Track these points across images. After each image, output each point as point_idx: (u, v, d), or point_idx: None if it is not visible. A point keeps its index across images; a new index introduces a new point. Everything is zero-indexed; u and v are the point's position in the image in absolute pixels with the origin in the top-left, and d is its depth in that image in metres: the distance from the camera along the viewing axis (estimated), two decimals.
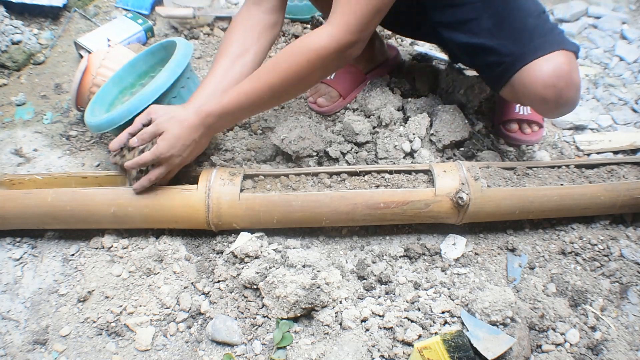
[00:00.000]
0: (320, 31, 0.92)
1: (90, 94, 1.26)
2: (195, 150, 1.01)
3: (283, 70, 0.94)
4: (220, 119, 0.98)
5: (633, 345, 0.93)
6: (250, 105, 0.97)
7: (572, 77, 1.01)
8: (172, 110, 0.99)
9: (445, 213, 1.02)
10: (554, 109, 1.06)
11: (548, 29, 1.05)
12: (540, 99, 1.03)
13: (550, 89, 1.00)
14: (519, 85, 1.05)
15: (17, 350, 0.92)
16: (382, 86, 1.38)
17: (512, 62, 1.05)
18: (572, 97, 1.03)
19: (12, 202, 1.01)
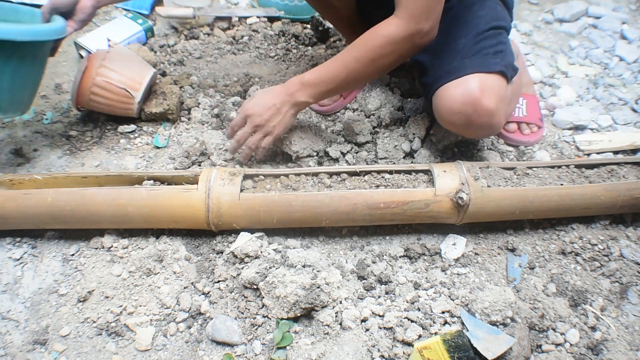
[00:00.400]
0: (392, 23, 0.99)
1: (90, 94, 1.26)
2: (276, 116, 1.07)
3: (359, 55, 1.01)
4: (301, 89, 1.05)
5: (633, 345, 0.93)
6: (329, 82, 1.04)
7: (481, 102, 0.98)
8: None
9: (445, 213, 1.02)
10: (466, 133, 1.07)
11: (476, 50, 1.03)
12: (449, 124, 1.04)
13: (456, 115, 1.00)
14: (434, 106, 1.06)
15: (17, 350, 0.92)
16: (382, 86, 1.38)
17: (432, 83, 1.06)
18: (483, 122, 1.01)
19: (12, 202, 1.01)
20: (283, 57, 1.61)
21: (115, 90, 1.27)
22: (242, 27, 1.73)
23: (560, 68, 1.61)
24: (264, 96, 1.09)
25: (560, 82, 1.55)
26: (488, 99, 0.98)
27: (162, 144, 1.30)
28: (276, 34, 1.70)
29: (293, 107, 1.08)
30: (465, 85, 0.99)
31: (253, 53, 1.63)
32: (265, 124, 1.08)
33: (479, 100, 0.98)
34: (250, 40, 1.68)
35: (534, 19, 1.84)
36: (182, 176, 1.07)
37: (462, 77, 0.99)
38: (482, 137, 1.09)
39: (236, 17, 1.75)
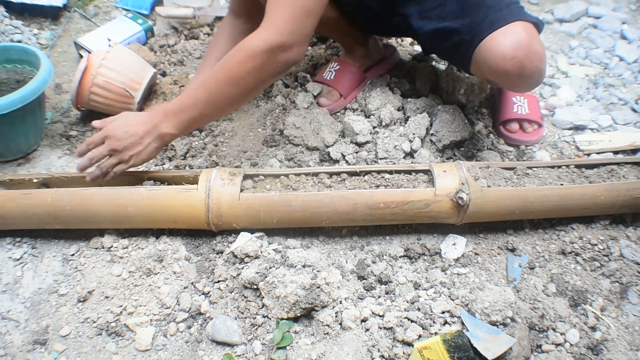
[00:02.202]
0: (253, 34, 0.94)
1: (90, 94, 1.26)
2: (137, 146, 0.99)
3: (219, 75, 0.96)
4: (164, 119, 0.99)
5: (633, 345, 0.93)
6: (191, 109, 0.98)
7: (532, 46, 0.98)
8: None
9: (445, 213, 1.02)
10: (519, 81, 1.05)
11: (506, 4, 1.04)
12: (503, 72, 1.02)
13: (509, 61, 0.99)
14: (480, 61, 1.05)
15: (17, 350, 0.92)
16: (382, 86, 1.38)
17: (471, 38, 1.04)
18: (536, 67, 1.01)
19: (12, 202, 1.01)
20: None
21: (115, 90, 1.27)
22: None
23: (560, 68, 1.61)
24: (128, 120, 1.01)
25: (560, 82, 1.55)
26: (537, 44, 0.99)
27: None
28: None
29: (156, 140, 1.01)
30: (513, 31, 0.98)
31: None
32: (124, 151, 1.00)
33: (530, 44, 0.98)
34: None
35: None
36: (182, 176, 1.07)
37: (506, 26, 0.99)
38: (531, 87, 1.08)
39: None
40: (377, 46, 1.45)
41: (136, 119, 1.01)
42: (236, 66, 0.94)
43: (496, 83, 1.15)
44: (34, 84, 1.16)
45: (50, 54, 1.60)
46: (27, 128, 1.22)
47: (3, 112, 1.12)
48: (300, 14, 0.93)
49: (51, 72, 1.21)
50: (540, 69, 1.02)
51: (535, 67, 1.00)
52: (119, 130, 0.99)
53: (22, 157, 1.27)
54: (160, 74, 1.51)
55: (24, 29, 1.62)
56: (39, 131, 1.28)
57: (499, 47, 0.99)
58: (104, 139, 1.01)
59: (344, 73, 1.39)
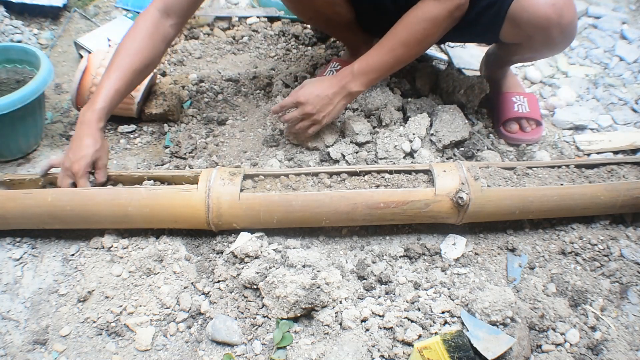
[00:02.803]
0: (429, 4, 1.03)
1: (90, 94, 1.26)
2: (328, 106, 1.11)
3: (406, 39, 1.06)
4: (353, 79, 1.09)
5: (633, 345, 0.93)
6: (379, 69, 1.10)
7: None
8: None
9: (445, 213, 1.02)
10: (557, 32, 1.08)
11: None
12: (544, 20, 1.05)
13: (550, 7, 1.03)
14: (518, 13, 1.07)
15: (17, 350, 0.92)
16: (382, 86, 1.38)
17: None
18: (572, 17, 1.06)
19: (12, 202, 1.01)
20: (283, 57, 1.61)
21: None
22: (242, 27, 1.73)
23: (560, 68, 1.61)
24: (316, 86, 1.12)
25: (560, 82, 1.55)
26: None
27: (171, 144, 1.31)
28: (276, 34, 1.70)
29: (345, 98, 1.13)
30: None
31: (253, 53, 1.64)
32: (316, 113, 1.11)
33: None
34: (250, 40, 1.68)
35: None
36: (182, 176, 1.07)
37: None
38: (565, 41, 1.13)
39: (236, 17, 1.75)
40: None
41: (323, 83, 1.12)
42: (422, 31, 1.05)
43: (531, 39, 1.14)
44: (34, 84, 1.16)
45: (50, 54, 1.60)
46: (27, 128, 1.22)
47: (3, 112, 1.12)
48: None
49: (51, 72, 1.21)
50: (575, 22, 1.08)
51: (573, 16, 1.06)
52: (310, 96, 1.10)
53: (22, 157, 1.27)
54: (160, 74, 1.51)
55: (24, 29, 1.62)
56: (39, 131, 1.28)
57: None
58: (296, 104, 1.12)
59: None
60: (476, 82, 1.35)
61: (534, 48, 1.17)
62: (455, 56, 1.62)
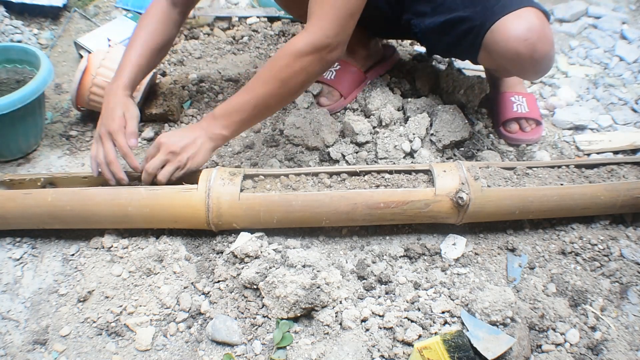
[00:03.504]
0: (298, 37, 0.98)
1: (90, 94, 1.26)
2: (191, 147, 1.02)
3: (266, 77, 1.00)
4: (213, 122, 1.03)
5: (633, 345, 0.93)
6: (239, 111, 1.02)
7: (544, 30, 1.01)
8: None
9: (445, 213, 1.02)
10: (530, 66, 1.06)
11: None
12: (514, 54, 1.03)
13: (522, 42, 1.01)
14: (491, 44, 1.06)
15: (17, 350, 0.92)
16: (382, 86, 1.38)
17: (482, 23, 1.06)
18: (547, 51, 1.03)
19: (12, 202, 1.01)
20: None
21: None
22: (242, 27, 1.73)
23: (560, 68, 1.61)
24: (177, 132, 1.07)
25: (560, 82, 1.55)
26: (547, 29, 1.03)
27: None
28: (276, 34, 1.70)
29: (209, 141, 1.03)
30: (526, 15, 1.01)
31: (253, 53, 1.64)
32: (180, 153, 1.02)
33: (542, 29, 1.01)
34: (250, 40, 1.68)
35: None
36: None
37: (518, 10, 1.02)
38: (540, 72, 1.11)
39: (236, 17, 1.75)
40: (377, 47, 1.45)
41: (187, 128, 1.08)
42: (284, 68, 0.98)
43: (505, 69, 1.15)
44: (34, 84, 1.16)
45: (50, 54, 1.60)
46: (27, 128, 1.22)
47: (3, 112, 1.12)
48: (344, 16, 0.97)
49: (51, 72, 1.21)
50: (550, 55, 1.05)
51: (547, 51, 1.03)
52: (173, 137, 1.03)
53: (22, 157, 1.27)
54: (160, 74, 1.51)
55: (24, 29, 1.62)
56: (39, 131, 1.28)
57: (512, 29, 1.01)
58: (158, 148, 1.03)
59: (345, 73, 1.39)
60: (476, 82, 1.35)
61: (510, 74, 1.19)
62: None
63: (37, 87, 1.16)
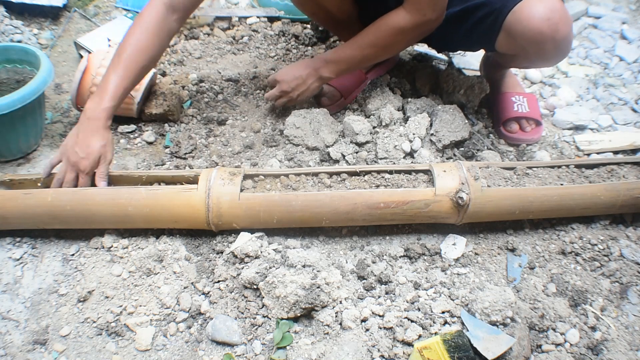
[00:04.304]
0: (400, 15, 1.10)
1: (90, 93, 1.26)
2: (301, 86, 1.25)
3: (372, 41, 1.16)
4: (324, 65, 1.22)
5: (633, 345, 0.93)
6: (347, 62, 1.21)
7: (565, 12, 1.05)
8: None
9: (445, 213, 1.02)
10: (551, 46, 1.09)
11: None
12: (538, 34, 1.06)
13: (545, 22, 1.04)
14: (513, 25, 1.08)
15: (17, 350, 0.92)
16: (382, 86, 1.38)
17: (502, 6, 1.09)
18: (567, 33, 1.07)
19: (12, 202, 1.01)
20: (283, 57, 1.61)
21: None
22: (242, 27, 1.73)
23: (560, 68, 1.61)
24: (292, 68, 1.27)
25: (560, 82, 1.55)
26: (567, 11, 1.07)
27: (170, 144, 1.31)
28: (276, 34, 1.70)
29: (317, 81, 1.25)
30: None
31: (253, 53, 1.63)
32: (292, 91, 1.26)
33: (563, 10, 1.05)
34: (250, 40, 1.68)
35: None
36: (182, 176, 1.07)
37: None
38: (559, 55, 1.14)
39: (236, 17, 1.75)
40: None
41: (300, 65, 1.26)
42: (388, 38, 1.14)
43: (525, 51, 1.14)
44: (34, 84, 1.16)
45: (50, 54, 1.60)
46: (27, 128, 1.22)
47: (3, 112, 1.12)
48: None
49: (51, 72, 1.21)
50: (570, 38, 1.09)
51: (568, 32, 1.06)
52: (287, 76, 1.26)
53: (22, 157, 1.27)
54: (160, 74, 1.51)
55: (24, 29, 1.62)
56: (39, 131, 1.28)
57: (535, 9, 1.04)
58: (274, 83, 1.29)
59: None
60: (476, 82, 1.35)
61: (529, 59, 1.20)
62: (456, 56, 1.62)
63: (37, 87, 1.16)
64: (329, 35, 1.68)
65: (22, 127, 1.20)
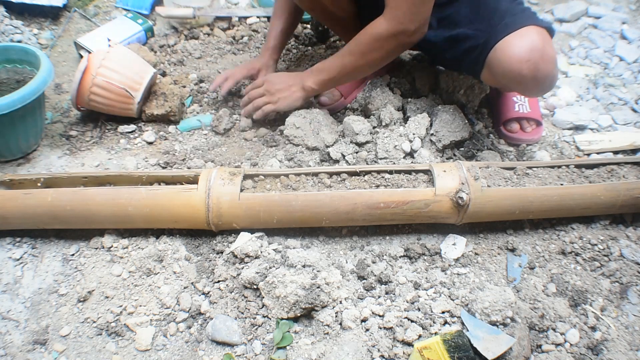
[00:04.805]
0: (379, 22, 1.10)
1: (91, 94, 1.26)
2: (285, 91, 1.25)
3: (352, 50, 1.15)
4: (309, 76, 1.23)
5: (633, 345, 0.93)
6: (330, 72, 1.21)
7: (546, 50, 1.01)
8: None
9: (445, 213, 1.02)
10: (533, 85, 1.07)
11: (520, 10, 1.08)
12: (517, 75, 1.03)
13: (525, 63, 1.01)
14: (494, 64, 1.07)
15: (17, 350, 0.92)
16: (382, 86, 1.38)
17: (486, 42, 1.07)
18: (550, 71, 1.03)
19: (12, 202, 1.01)
20: (283, 57, 1.61)
21: (115, 90, 1.27)
22: (242, 27, 1.73)
23: (560, 68, 1.61)
24: (284, 75, 1.30)
25: (560, 82, 1.55)
26: (549, 48, 1.03)
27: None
28: None
29: (300, 90, 1.24)
30: (528, 35, 1.01)
31: (253, 53, 1.63)
32: (275, 93, 1.26)
33: (544, 48, 1.01)
34: (250, 40, 1.68)
35: None
36: (182, 176, 1.07)
37: (521, 29, 1.02)
38: (543, 91, 1.12)
39: (236, 17, 1.75)
40: None
41: (288, 75, 1.29)
42: (366, 46, 1.13)
43: (508, 87, 1.15)
44: (34, 84, 1.16)
45: (50, 54, 1.60)
46: (27, 128, 1.22)
47: (3, 112, 1.12)
48: (417, 4, 1.05)
49: (51, 72, 1.21)
50: (553, 74, 1.05)
51: (549, 71, 1.03)
52: (276, 78, 1.28)
53: (22, 157, 1.27)
54: (160, 74, 1.51)
55: (24, 29, 1.62)
56: (39, 131, 1.28)
57: (514, 49, 1.02)
58: (263, 83, 1.29)
59: None
60: (476, 82, 1.35)
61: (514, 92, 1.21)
62: None
63: (37, 87, 1.16)
64: (328, 35, 1.68)
65: (22, 127, 1.20)
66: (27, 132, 1.23)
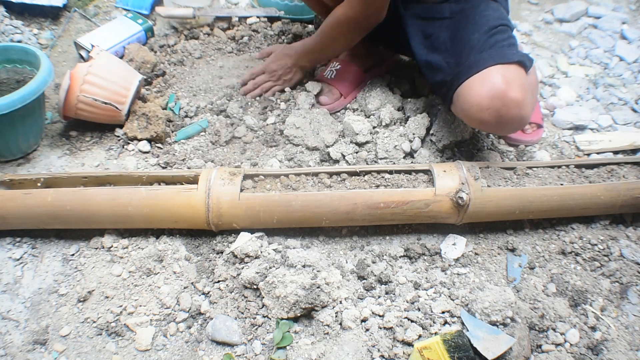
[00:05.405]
0: (340, 7, 1.19)
1: (77, 109, 1.24)
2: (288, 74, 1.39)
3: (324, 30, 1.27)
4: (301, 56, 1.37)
5: (633, 345, 0.93)
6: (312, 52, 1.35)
7: (509, 94, 0.95)
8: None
9: (445, 213, 1.02)
10: (498, 129, 1.03)
11: (490, 44, 1.01)
12: (480, 122, 1.00)
13: (485, 111, 0.97)
14: (458, 106, 1.05)
15: (17, 350, 0.92)
16: (382, 86, 1.38)
17: (452, 80, 1.04)
18: (513, 115, 0.97)
19: (12, 202, 1.01)
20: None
21: (101, 107, 1.24)
22: (242, 27, 1.73)
23: (560, 68, 1.61)
24: (278, 60, 1.39)
25: (560, 82, 1.54)
26: (514, 91, 0.95)
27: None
28: (276, 34, 1.70)
29: (300, 71, 1.40)
30: (489, 80, 0.96)
31: (253, 53, 1.63)
32: (280, 77, 1.39)
33: (506, 93, 0.95)
34: (250, 40, 1.68)
35: (534, 19, 1.84)
36: (182, 176, 1.07)
37: (483, 71, 0.97)
38: (513, 131, 1.07)
39: (236, 17, 1.75)
40: (377, 47, 1.45)
41: (283, 57, 1.39)
42: (330, 28, 1.25)
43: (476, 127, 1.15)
44: (34, 84, 1.15)
45: (50, 54, 1.60)
46: (27, 128, 1.22)
47: (3, 112, 1.12)
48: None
49: (51, 72, 1.21)
50: (519, 116, 0.98)
51: (513, 115, 0.97)
52: (273, 65, 1.39)
53: (22, 157, 1.27)
54: (160, 74, 1.50)
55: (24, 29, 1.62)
56: (39, 131, 1.28)
57: (474, 97, 0.97)
58: (264, 70, 1.40)
59: (345, 73, 1.39)
60: None
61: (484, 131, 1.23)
62: None
63: (37, 87, 1.16)
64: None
65: (22, 127, 1.20)
66: (27, 132, 1.23)
